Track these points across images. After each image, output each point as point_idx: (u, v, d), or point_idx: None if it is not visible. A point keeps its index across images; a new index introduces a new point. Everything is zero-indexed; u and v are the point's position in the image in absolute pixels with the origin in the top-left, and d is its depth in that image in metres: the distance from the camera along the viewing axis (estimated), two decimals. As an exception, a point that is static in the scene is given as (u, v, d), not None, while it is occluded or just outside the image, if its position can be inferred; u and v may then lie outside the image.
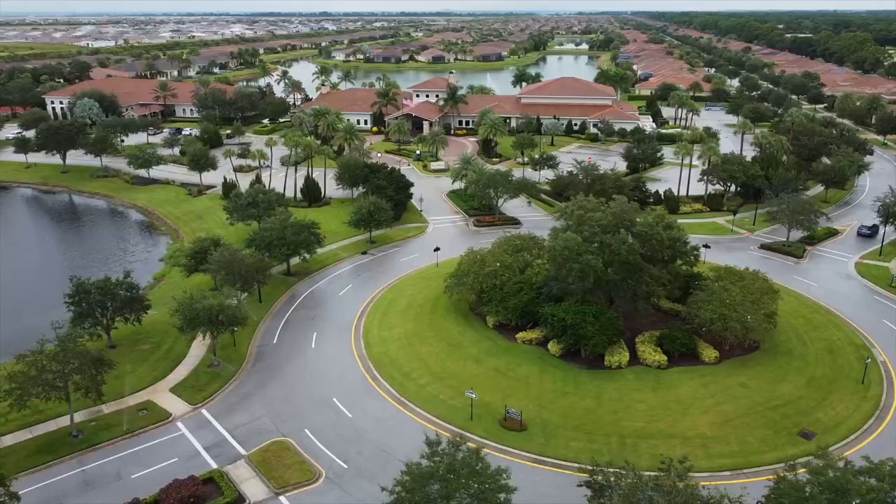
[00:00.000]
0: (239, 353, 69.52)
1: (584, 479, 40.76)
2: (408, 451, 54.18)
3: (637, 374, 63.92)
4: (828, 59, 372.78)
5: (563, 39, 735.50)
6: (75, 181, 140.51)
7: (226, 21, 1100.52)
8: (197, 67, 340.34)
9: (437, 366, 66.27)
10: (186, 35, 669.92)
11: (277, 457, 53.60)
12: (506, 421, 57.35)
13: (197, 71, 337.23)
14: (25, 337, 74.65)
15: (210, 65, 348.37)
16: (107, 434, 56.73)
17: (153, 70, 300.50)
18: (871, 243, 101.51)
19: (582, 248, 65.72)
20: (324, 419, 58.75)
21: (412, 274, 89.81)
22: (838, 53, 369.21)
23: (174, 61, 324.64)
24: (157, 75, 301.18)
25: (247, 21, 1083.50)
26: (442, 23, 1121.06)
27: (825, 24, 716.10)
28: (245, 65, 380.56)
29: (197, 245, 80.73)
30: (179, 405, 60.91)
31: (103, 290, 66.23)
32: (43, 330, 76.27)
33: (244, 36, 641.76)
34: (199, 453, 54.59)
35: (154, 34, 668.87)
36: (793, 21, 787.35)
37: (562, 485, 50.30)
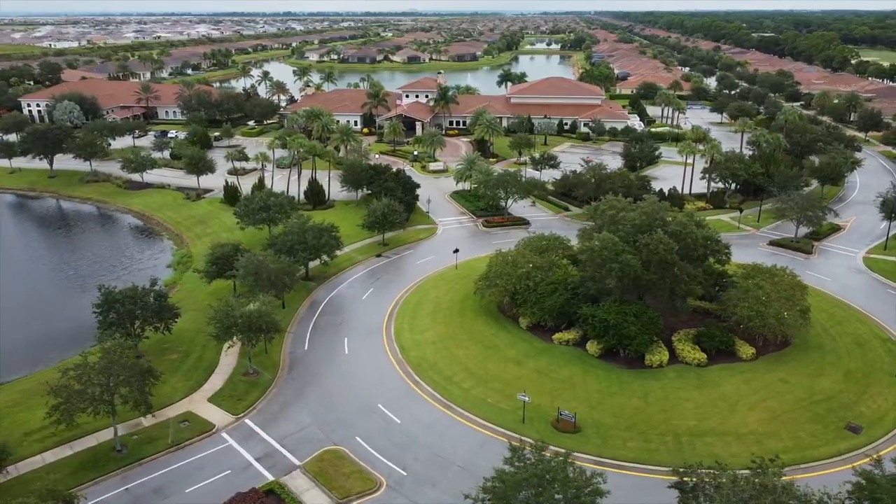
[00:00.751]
0: (272, 361, 68.15)
1: (675, 481, 40.61)
2: (465, 456, 54.00)
3: (678, 373, 64.26)
4: (796, 57, 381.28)
5: (533, 39, 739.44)
6: (64, 186, 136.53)
7: (189, 21, 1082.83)
8: (170, 68, 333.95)
9: (477, 368, 65.77)
10: (151, 35, 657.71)
11: (334, 466, 52.58)
12: (558, 423, 57.14)
13: (170, 72, 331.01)
14: (45, 347, 73.34)
15: (183, 66, 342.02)
16: (151, 448, 55.03)
17: (126, 71, 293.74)
18: (877, 235, 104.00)
19: (619, 248, 65.89)
20: (373, 426, 57.84)
21: (432, 276, 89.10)
22: (806, 52, 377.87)
23: (146, 62, 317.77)
24: (129, 77, 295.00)
25: (210, 21, 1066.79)
26: (409, 23, 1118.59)
27: (786, 23, 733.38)
28: (218, 65, 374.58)
29: (217, 251, 78.82)
30: (221, 416, 59.40)
31: (133, 299, 64.23)
32: (61, 340, 74.94)
33: (211, 36, 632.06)
34: (252, 465, 53.27)
35: (118, 34, 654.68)
36: (754, 21, 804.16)
37: (625, 486, 50.20)
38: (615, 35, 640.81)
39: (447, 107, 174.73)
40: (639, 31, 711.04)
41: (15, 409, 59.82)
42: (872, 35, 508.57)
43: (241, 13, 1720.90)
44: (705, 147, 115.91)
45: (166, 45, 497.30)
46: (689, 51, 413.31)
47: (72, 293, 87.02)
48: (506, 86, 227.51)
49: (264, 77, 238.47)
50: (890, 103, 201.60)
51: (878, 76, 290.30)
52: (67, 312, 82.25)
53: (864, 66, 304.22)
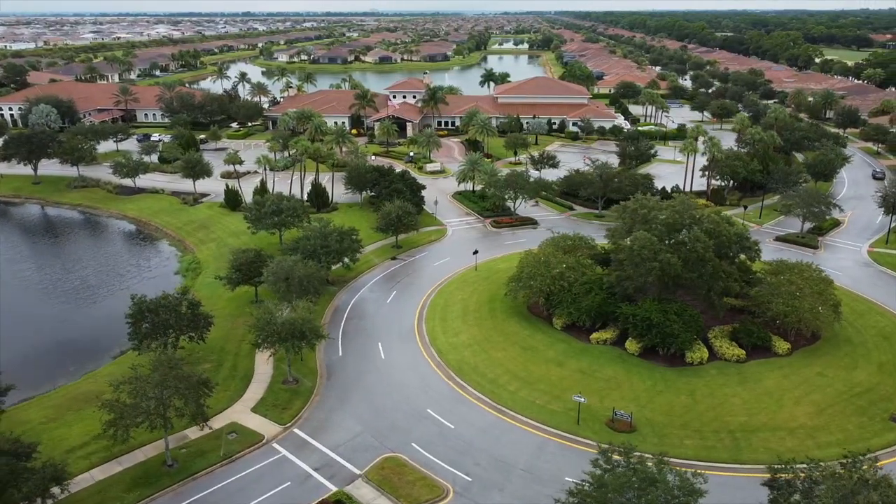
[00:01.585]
0: (309, 368, 66.89)
1: (768, 479, 40.89)
2: (526, 460, 53.73)
3: (719, 369, 64.95)
4: (761, 56, 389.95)
5: (499, 39, 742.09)
6: (51, 192, 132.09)
7: (147, 21, 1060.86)
8: (138, 70, 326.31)
9: (520, 370, 65.52)
10: (110, 36, 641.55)
11: (397, 474, 51.75)
12: (613, 422, 57.22)
13: (138, 73, 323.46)
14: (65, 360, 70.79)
15: (151, 67, 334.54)
16: (203, 461, 53.47)
17: (94, 73, 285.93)
18: (876, 229, 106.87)
19: (657, 247, 66.34)
20: (427, 431, 57.15)
21: (453, 278, 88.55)
22: (771, 51, 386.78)
23: (114, 64, 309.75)
24: (96, 78, 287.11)
25: (169, 21, 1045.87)
26: (372, 23, 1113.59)
27: (744, 23, 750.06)
28: (186, 66, 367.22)
29: (241, 257, 77.03)
30: (268, 426, 58.02)
31: (167, 308, 62.37)
32: (80, 352, 72.39)
33: (172, 37, 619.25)
34: (311, 475, 52.13)
35: (74, 35, 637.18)
36: (713, 21, 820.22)
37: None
38: (580, 35, 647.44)
39: (436, 107, 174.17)
40: (602, 31, 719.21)
41: (51, 426, 57.57)
42: (830, 34, 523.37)
43: (198, 13, 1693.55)
44: (706, 145, 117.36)
45: (128, 45, 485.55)
46: (657, 50, 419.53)
47: (83, 304, 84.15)
48: (488, 85, 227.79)
49: (241, 78, 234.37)
50: (863, 100, 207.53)
51: (842, 74, 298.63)
52: (82, 324, 79.65)
53: (829, 64, 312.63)
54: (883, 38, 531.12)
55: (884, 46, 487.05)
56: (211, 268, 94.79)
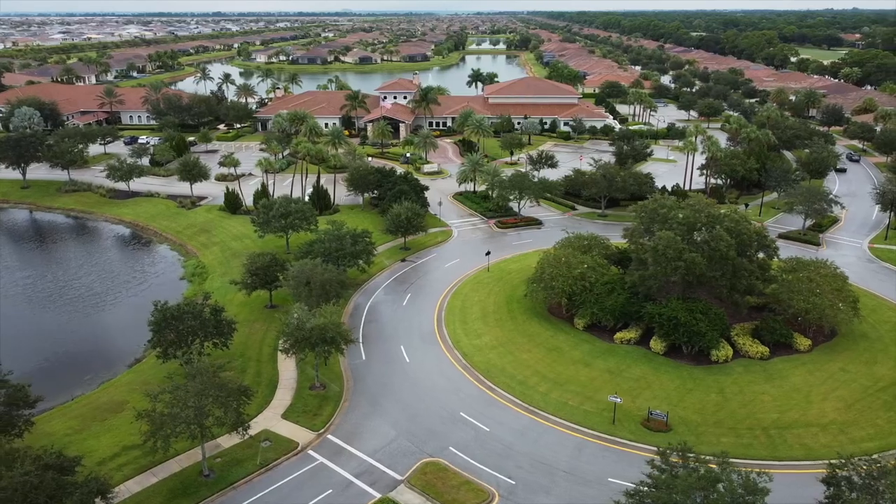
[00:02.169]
0: (334, 373, 66.10)
1: (826, 475, 41.22)
2: (567, 461, 53.67)
3: (745, 367, 65.53)
4: (738, 56, 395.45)
5: (475, 39, 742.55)
6: (41, 197, 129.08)
7: (116, 22, 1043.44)
8: (115, 71, 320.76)
9: (548, 371, 65.44)
10: (80, 37, 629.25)
11: (440, 479, 51.31)
12: (649, 422, 57.39)
13: (115, 75, 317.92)
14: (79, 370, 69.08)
15: (129, 68, 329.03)
16: (240, 470, 52.50)
17: (71, 74, 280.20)
18: (872, 226, 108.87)
19: (681, 247, 66.73)
20: (463, 435, 56.78)
21: (467, 279, 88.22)
22: (747, 51, 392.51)
23: (91, 65, 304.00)
24: (73, 80, 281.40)
25: (139, 22, 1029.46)
26: (346, 23, 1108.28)
27: (716, 23, 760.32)
28: (163, 67, 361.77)
29: (257, 261, 75.86)
30: (301, 432, 57.18)
31: (192, 315, 61.18)
32: (93, 361, 70.67)
33: (145, 37, 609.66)
34: (352, 482, 51.45)
35: (43, 36, 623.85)
36: (685, 20, 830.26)
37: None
38: (557, 35, 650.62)
39: (428, 108, 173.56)
40: (578, 31, 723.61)
41: (78, 437, 56.12)
42: (801, 34, 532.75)
43: (167, 13, 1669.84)
44: (704, 144, 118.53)
45: (100, 46, 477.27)
46: (635, 50, 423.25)
47: (91, 312, 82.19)
48: (476, 86, 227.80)
49: (226, 79, 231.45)
50: (844, 99, 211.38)
51: (818, 73, 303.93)
52: (92, 332, 77.84)
53: (805, 63, 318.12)
54: (852, 37, 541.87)
55: (854, 46, 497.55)
56: (217, 272, 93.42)
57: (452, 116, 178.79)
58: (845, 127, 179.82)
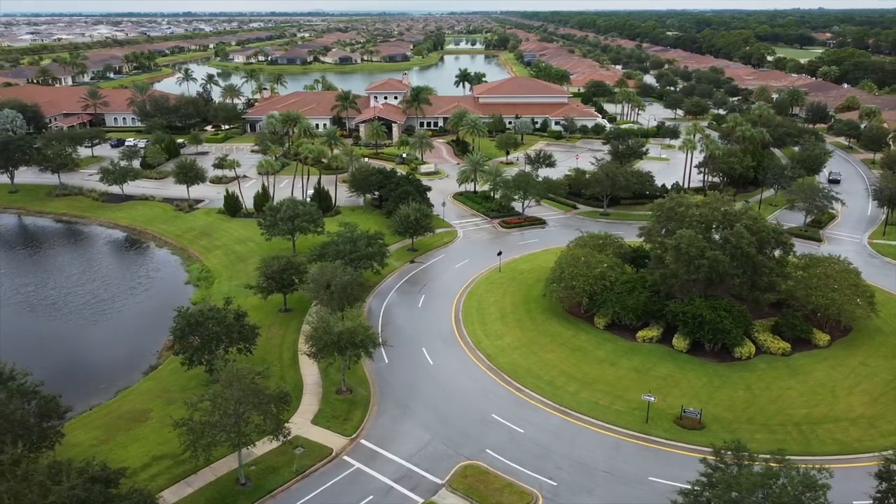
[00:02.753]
0: (358, 377, 65.33)
1: (880, 470, 41.54)
2: (606, 461, 53.60)
3: (768, 363, 66.10)
4: (715, 55, 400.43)
5: (452, 39, 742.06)
6: (30, 201, 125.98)
7: (85, 22, 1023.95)
8: (91, 72, 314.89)
9: (574, 371, 65.37)
10: (50, 38, 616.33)
11: (481, 481, 50.88)
12: (682, 420, 57.55)
13: (91, 76, 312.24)
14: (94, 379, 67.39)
15: (105, 69, 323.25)
16: (277, 478, 51.58)
17: (47, 76, 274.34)
18: (868, 221, 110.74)
19: (703, 245, 67.10)
20: (498, 437, 56.42)
21: (479, 280, 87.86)
22: (724, 50, 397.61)
23: (66, 66, 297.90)
24: (48, 81, 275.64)
25: (108, 22, 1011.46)
26: (320, 23, 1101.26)
27: (688, 22, 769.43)
28: (140, 68, 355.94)
29: (271, 265, 74.64)
30: (334, 438, 56.37)
31: (217, 320, 60.00)
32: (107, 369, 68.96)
33: (116, 38, 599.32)
34: (392, 487, 50.84)
35: (11, 37, 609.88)
36: (658, 20, 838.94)
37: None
38: (534, 34, 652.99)
39: (420, 108, 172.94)
40: (553, 31, 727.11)
41: (104, 448, 54.64)
42: (774, 33, 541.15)
43: (137, 13, 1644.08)
44: (704, 141, 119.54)
45: (71, 47, 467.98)
46: (614, 50, 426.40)
47: (100, 319, 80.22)
48: (463, 85, 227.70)
49: (210, 80, 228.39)
50: (825, 96, 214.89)
51: (795, 72, 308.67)
52: (102, 339, 75.97)
53: (783, 62, 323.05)
54: (823, 36, 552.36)
55: (825, 44, 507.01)
56: (224, 276, 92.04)
57: (444, 116, 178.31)
58: (829, 124, 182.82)
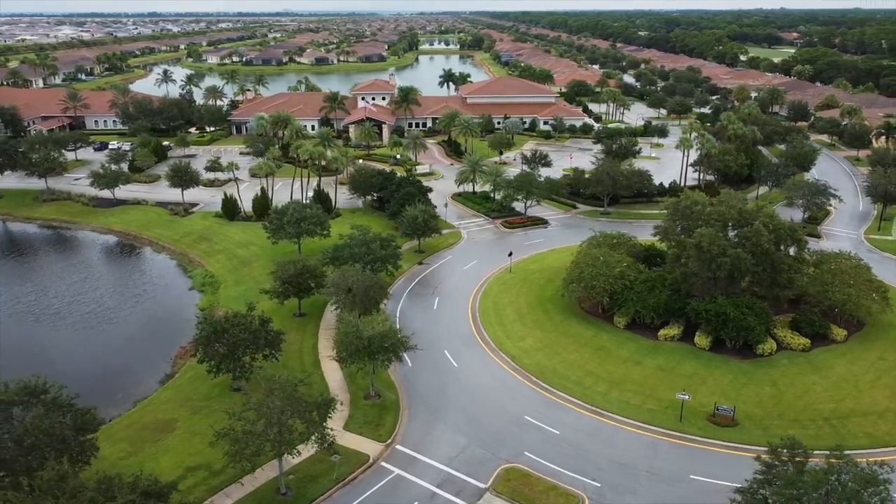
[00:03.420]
0: (384, 381, 64.58)
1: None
2: (645, 461, 53.68)
3: (789, 359, 66.82)
4: (688, 54, 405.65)
5: (426, 39, 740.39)
6: (17, 207, 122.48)
7: (48, 22, 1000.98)
8: (62, 74, 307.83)
9: (601, 371, 65.40)
10: (12, 38, 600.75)
11: (525, 484, 50.60)
12: (715, 417, 57.89)
13: (63, 78, 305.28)
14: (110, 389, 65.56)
15: (77, 70, 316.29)
16: (317, 487, 50.71)
17: (17, 77, 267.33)
18: (861, 217, 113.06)
19: (723, 243, 67.66)
20: (534, 439, 56.16)
21: (490, 281, 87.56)
22: (698, 49, 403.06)
23: (37, 68, 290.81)
24: (20, 83, 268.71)
25: (71, 22, 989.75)
26: (290, 23, 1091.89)
27: (658, 22, 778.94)
28: (112, 69, 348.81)
29: (288, 269, 73.43)
30: (368, 444, 55.59)
31: (243, 327, 58.79)
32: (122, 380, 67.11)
33: (83, 38, 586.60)
34: (436, 493, 50.28)
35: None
36: (628, 20, 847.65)
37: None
38: (507, 35, 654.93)
39: (409, 108, 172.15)
40: (525, 31, 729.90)
41: (135, 461, 53.17)
42: (743, 33, 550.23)
43: (100, 14, 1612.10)
44: (700, 140, 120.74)
45: (36, 48, 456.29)
46: (589, 49, 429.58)
47: (107, 327, 78.16)
48: (448, 86, 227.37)
49: (189, 81, 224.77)
50: (803, 95, 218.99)
51: (769, 71, 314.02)
52: (112, 348, 74.02)
53: (756, 61, 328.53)
54: (790, 36, 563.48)
55: (793, 44, 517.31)
56: (229, 281, 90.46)
57: (433, 117, 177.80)
58: (810, 122, 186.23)
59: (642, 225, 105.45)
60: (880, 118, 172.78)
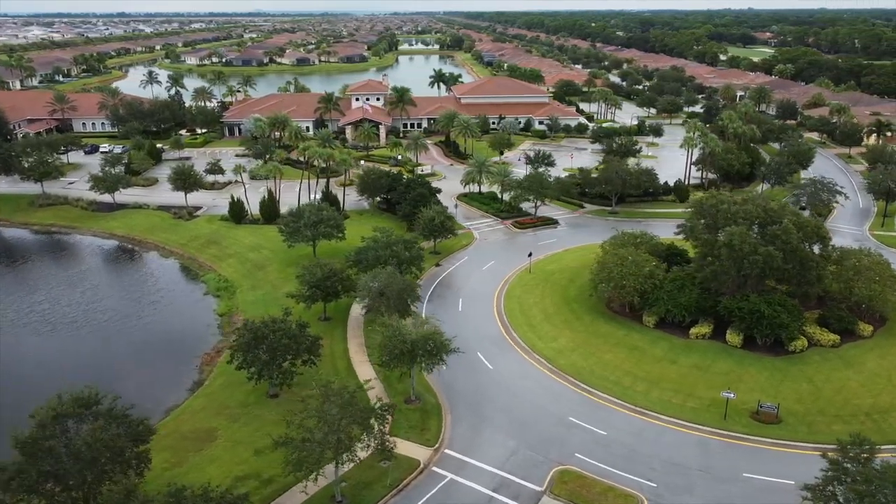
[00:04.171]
0: (421, 385, 63.89)
1: None
2: (696, 459, 53.80)
3: (821, 355, 67.50)
4: (668, 54, 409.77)
5: (403, 39, 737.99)
6: (12, 212, 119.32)
7: (14, 23, 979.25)
8: (39, 75, 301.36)
9: (638, 371, 65.47)
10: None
11: (582, 486, 50.38)
12: (759, 415, 58.22)
13: (40, 80, 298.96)
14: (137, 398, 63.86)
15: (55, 72, 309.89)
16: (372, 494, 49.95)
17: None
18: (862, 214, 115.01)
19: (754, 241, 68.17)
20: (581, 439, 55.98)
21: (511, 282, 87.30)
22: (677, 49, 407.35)
23: (13, 69, 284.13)
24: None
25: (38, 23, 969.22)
26: (264, 24, 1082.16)
27: (632, 22, 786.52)
28: (90, 70, 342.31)
29: (315, 272, 72.36)
30: (416, 449, 54.93)
31: (285, 332, 57.79)
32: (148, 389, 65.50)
33: (53, 39, 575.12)
34: (493, 497, 49.82)
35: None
36: (603, 20, 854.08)
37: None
38: (485, 35, 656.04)
39: (404, 109, 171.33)
40: (503, 31, 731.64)
41: (180, 472, 52.00)
42: (718, 33, 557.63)
43: (67, 14, 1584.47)
44: (704, 139, 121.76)
45: (6, 49, 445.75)
46: (570, 49, 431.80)
47: (128, 335, 76.40)
48: (438, 86, 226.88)
49: (175, 82, 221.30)
50: (788, 93, 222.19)
51: (750, 70, 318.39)
52: (135, 356, 72.27)
53: (737, 61, 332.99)
54: (764, 35, 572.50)
55: (766, 43, 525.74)
56: (244, 286, 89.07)
57: (428, 117, 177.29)
58: (799, 121, 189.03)
59: (650, 224, 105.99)
60: (867, 116, 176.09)
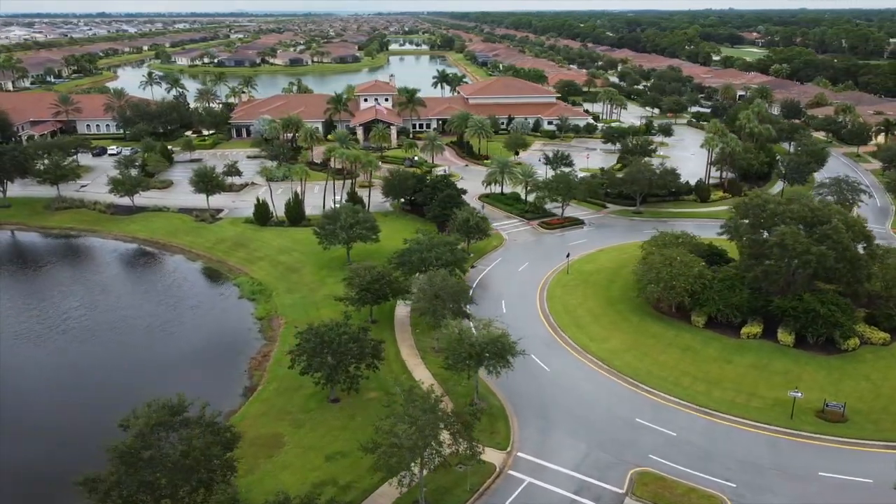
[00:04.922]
0: (481, 385, 63.49)
1: None
2: (769, 458, 54.07)
3: (873, 353, 68.04)
4: (660, 54, 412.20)
5: (392, 39, 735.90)
6: (28, 216, 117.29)
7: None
8: (31, 77, 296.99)
9: (695, 371, 65.58)
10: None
11: (663, 488, 50.32)
12: (824, 413, 58.47)
13: (32, 81, 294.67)
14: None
15: (46, 72, 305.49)
16: (453, 499, 49.70)
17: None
18: (879, 212, 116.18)
19: (805, 241, 68.55)
20: (652, 440, 55.95)
21: (550, 283, 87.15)
22: (669, 49, 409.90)
23: (5, 71, 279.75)
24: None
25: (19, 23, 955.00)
26: (248, 24, 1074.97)
27: (619, 23, 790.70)
28: (81, 71, 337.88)
29: (363, 275, 71.65)
30: (489, 452, 54.33)
31: (350, 337, 57.18)
32: (203, 395, 64.43)
33: (36, 40, 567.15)
34: (575, 500, 49.65)
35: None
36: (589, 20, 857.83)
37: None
38: (474, 35, 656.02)
39: (414, 110, 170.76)
40: (491, 31, 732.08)
41: (255, 479, 51.59)
42: (706, 33, 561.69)
43: (47, 14, 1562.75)
44: (725, 139, 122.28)
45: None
46: (563, 50, 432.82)
47: (172, 341, 75.26)
48: (441, 86, 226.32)
49: (174, 84, 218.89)
50: (788, 93, 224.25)
51: (745, 70, 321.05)
52: (183, 362, 71.23)
53: (731, 60, 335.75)
54: (751, 35, 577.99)
55: (754, 43, 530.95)
56: (280, 289, 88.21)
57: (437, 118, 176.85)
58: (803, 120, 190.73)
59: (675, 223, 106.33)
60: (871, 115, 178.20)
